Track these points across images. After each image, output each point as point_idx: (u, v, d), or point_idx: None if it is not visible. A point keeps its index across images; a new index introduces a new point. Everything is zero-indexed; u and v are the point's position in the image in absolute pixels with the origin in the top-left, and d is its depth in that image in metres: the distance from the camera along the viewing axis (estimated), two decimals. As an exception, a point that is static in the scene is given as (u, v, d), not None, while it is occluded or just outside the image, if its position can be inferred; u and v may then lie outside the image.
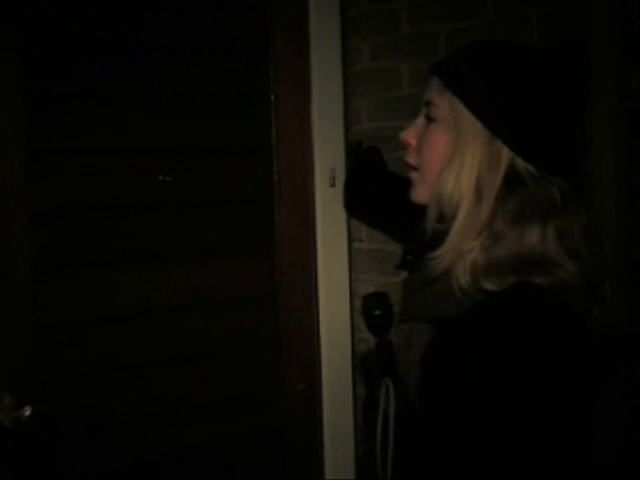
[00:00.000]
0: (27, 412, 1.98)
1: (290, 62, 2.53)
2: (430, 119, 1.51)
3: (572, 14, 2.10)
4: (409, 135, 1.57)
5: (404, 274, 2.52)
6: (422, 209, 1.57)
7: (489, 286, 1.36)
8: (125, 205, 2.22)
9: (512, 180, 1.41)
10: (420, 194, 1.55)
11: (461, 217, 1.42)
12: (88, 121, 2.14)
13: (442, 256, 1.43)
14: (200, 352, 2.36)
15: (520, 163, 1.41)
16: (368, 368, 1.75)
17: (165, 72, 2.27)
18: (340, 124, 2.63)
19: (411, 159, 1.57)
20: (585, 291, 1.38)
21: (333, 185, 2.58)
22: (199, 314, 2.35)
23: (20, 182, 2.02)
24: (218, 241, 2.39)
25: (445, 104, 1.47)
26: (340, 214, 2.61)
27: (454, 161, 1.44)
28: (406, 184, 1.61)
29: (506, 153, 1.41)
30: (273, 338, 2.51)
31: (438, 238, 1.47)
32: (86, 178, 2.14)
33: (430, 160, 1.50)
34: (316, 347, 2.59)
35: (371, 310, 1.65)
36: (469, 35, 2.33)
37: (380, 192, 2.37)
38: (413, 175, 1.57)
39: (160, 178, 2.26)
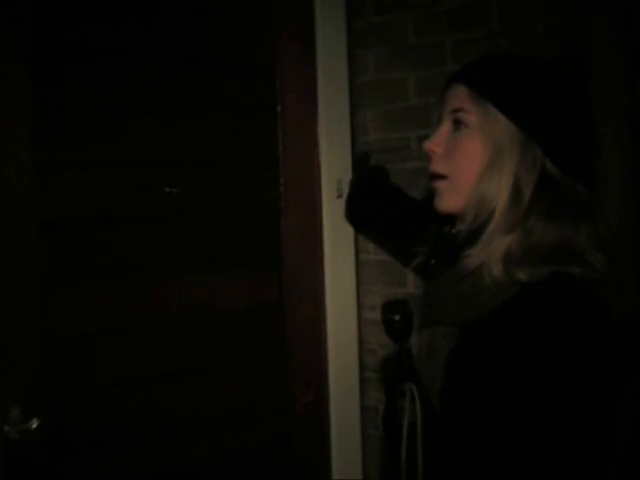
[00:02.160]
0: (34, 424, 1.98)
1: (296, 73, 2.53)
2: (460, 126, 1.52)
3: (577, 25, 2.10)
4: (434, 144, 1.57)
5: (414, 284, 2.54)
6: (428, 215, 1.59)
7: (523, 276, 1.39)
8: (132, 217, 2.22)
9: (545, 182, 1.46)
10: (450, 202, 1.55)
11: (497, 218, 1.46)
12: (95, 133, 2.15)
13: (476, 253, 1.46)
14: (207, 364, 2.35)
15: (550, 166, 1.46)
16: (386, 375, 1.75)
17: (171, 83, 2.27)
18: (347, 135, 2.63)
19: (439, 168, 1.56)
20: (612, 284, 1.42)
21: (340, 196, 2.58)
22: (206, 325, 2.35)
23: (28, 193, 2.02)
24: (225, 252, 2.39)
25: (478, 110, 1.49)
26: (347, 225, 2.61)
27: (494, 166, 1.47)
28: (407, 194, 1.63)
29: (540, 156, 1.46)
30: (280, 349, 2.50)
31: (465, 240, 1.50)
32: (93, 190, 2.14)
33: (465, 167, 1.52)
34: (323, 358, 2.59)
35: (391, 315, 1.64)
36: (474, 46, 2.33)
37: (384, 203, 2.37)
38: (440, 184, 1.57)
39: (167, 190, 2.26)
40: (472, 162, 1.50)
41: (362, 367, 2.67)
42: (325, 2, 2.57)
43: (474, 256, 1.47)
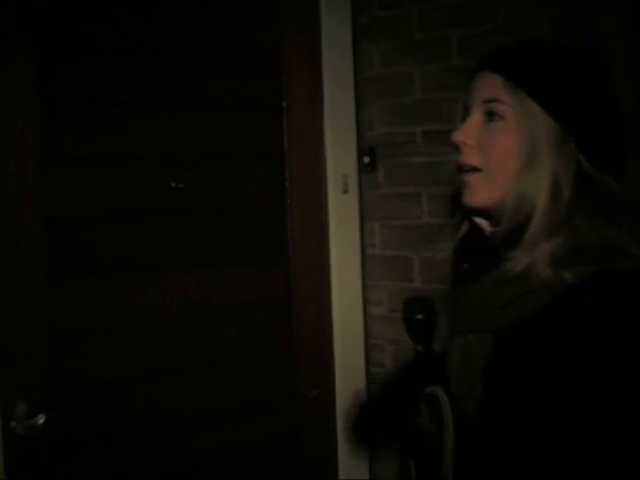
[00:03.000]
0: (41, 420, 1.98)
1: (301, 68, 2.53)
2: (495, 117, 1.45)
3: (583, 20, 2.09)
4: (465, 134, 1.48)
5: (421, 278, 2.54)
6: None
7: (570, 277, 1.35)
8: (137, 212, 2.22)
9: (582, 178, 1.41)
10: (483, 196, 1.48)
11: (538, 218, 1.40)
12: (100, 128, 2.15)
13: (521, 256, 1.40)
14: (214, 359, 2.36)
15: (584, 162, 1.41)
16: (404, 379, 1.67)
17: (176, 78, 2.28)
18: (352, 130, 2.63)
19: (471, 160, 1.48)
20: None
21: (346, 191, 2.58)
22: (213, 320, 2.35)
23: (33, 189, 2.03)
24: (231, 248, 2.39)
25: (515, 102, 1.42)
26: (353, 220, 2.61)
27: (533, 162, 1.41)
28: None
29: (575, 152, 1.41)
30: (287, 344, 2.51)
31: (503, 241, 1.44)
32: (99, 185, 2.14)
33: (501, 161, 1.44)
34: (330, 353, 2.59)
35: (413, 314, 1.58)
36: (481, 40, 2.33)
37: None
38: (473, 177, 1.48)
39: (172, 185, 2.26)
40: (509, 156, 1.43)
41: (368, 362, 2.67)
42: (331, -3, 2.57)
43: (518, 259, 1.40)
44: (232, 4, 2.39)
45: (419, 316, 1.55)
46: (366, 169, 2.65)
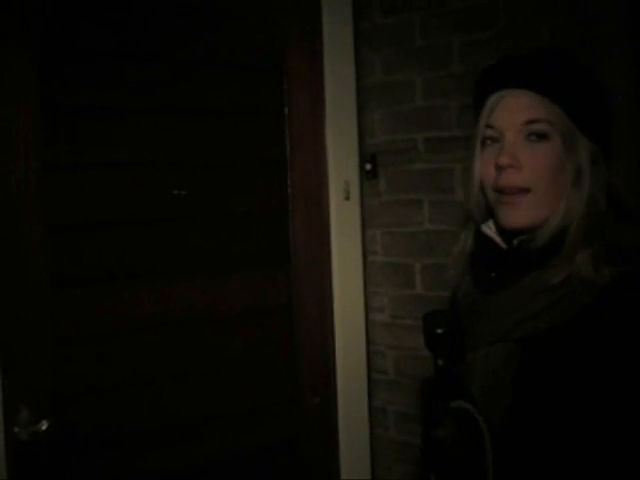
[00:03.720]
0: (44, 426, 1.99)
1: (303, 75, 2.53)
2: (539, 138, 1.46)
3: (583, 27, 2.10)
4: (512, 157, 1.47)
5: (423, 285, 2.54)
6: None
7: (608, 274, 1.38)
8: (140, 219, 2.23)
9: (611, 189, 1.49)
10: (531, 216, 1.49)
11: (576, 228, 1.45)
12: (103, 135, 2.16)
13: (562, 264, 1.43)
14: (216, 365, 2.36)
15: (613, 176, 1.51)
16: (427, 394, 1.64)
17: (179, 85, 2.28)
18: (354, 137, 2.63)
19: (517, 181, 1.48)
20: None
21: (348, 198, 2.58)
22: (215, 326, 2.35)
23: (36, 195, 2.03)
24: (232, 254, 2.39)
25: (560, 122, 1.45)
26: (354, 227, 2.62)
27: (579, 180, 1.46)
28: None
29: (605, 168, 1.48)
30: (288, 350, 2.51)
31: (538, 254, 1.47)
32: (101, 192, 2.15)
33: (551, 180, 1.47)
34: (331, 359, 2.59)
35: (433, 328, 1.52)
36: (482, 47, 2.34)
37: None
38: (520, 198, 1.48)
39: (175, 192, 2.26)
40: (558, 176, 1.46)
41: (370, 368, 2.67)
42: (332, 4, 2.57)
43: (560, 268, 1.43)
44: (235, 11, 2.39)
45: (439, 330, 1.53)
46: (368, 176, 2.65)
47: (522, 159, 1.46)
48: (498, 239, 1.55)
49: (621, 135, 1.99)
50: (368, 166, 2.65)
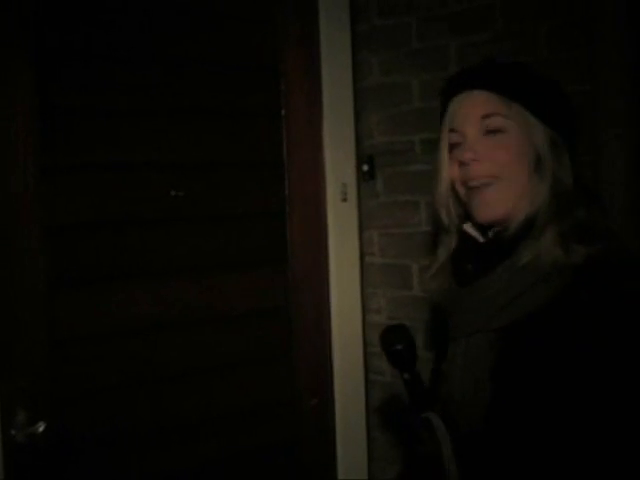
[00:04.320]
0: (41, 428, 1.99)
1: (301, 77, 2.53)
2: (495, 131, 1.53)
3: (580, 29, 2.10)
4: (473, 151, 1.54)
5: (420, 286, 2.54)
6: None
7: (577, 257, 1.42)
8: (138, 220, 2.23)
9: (577, 176, 1.54)
10: (500, 208, 1.54)
11: (543, 212, 1.49)
12: (100, 136, 2.16)
13: (531, 244, 1.47)
14: (213, 366, 2.36)
15: (573, 156, 1.56)
16: (400, 407, 1.66)
17: (177, 87, 2.28)
18: (351, 139, 2.63)
19: (483, 171, 1.54)
20: None
21: (345, 200, 2.59)
22: (212, 328, 2.35)
23: (34, 197, 2.03)
24: (230, 255, 2.39)
25: (514, 114, 1.52)
26: (352, 228, 2.62)
27: (540, 167, 1.51)
28: None
29: (563, 147, 1.53)
30: (285, 352, 2.51)
31: (509, 242, 1.51)
32: (99, 193, 2.15)
33: (513, 167, 1.52)
34: (328, 360, 2.59)
35: (392, 346, 1.56)
36: (479, 49, 2.34)
37: None
38: (490, 190, 1.54)
39: (172, 193, 2.27)
40: (519, 164, 1.52)
41: (367, 370, 2.68)
42: (329, 6, 2.57)
43: (528, 248, 1.47)
44: (233, 13, 2.39)
45: (399, 346, 1.56)
46: (365, 177, 2.66)
47: (483, 152, 1.53)
48: (476, 233, 1.59)
49: (621, 137, 2.02)
50: (365, 167, 2.65)
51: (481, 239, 1.59)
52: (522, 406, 1.42)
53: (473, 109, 1.54)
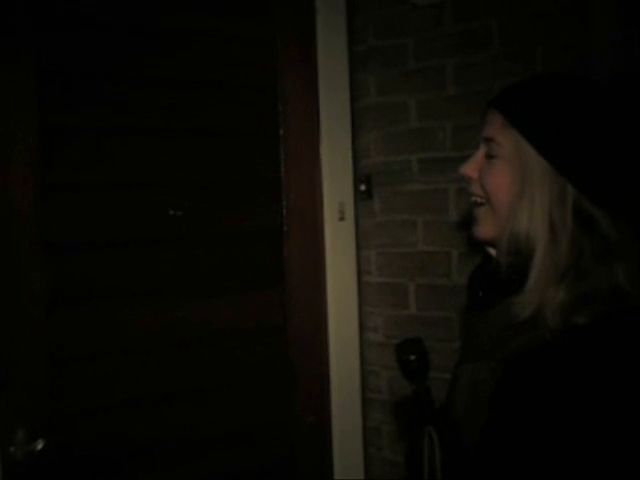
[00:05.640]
0: (40, 445, 1.98)
1: (299, 97, 2.55)
2: (492, 156, 1.48)
3: (576, 50, 2.12)
4: (469, 169, 1.52)
5: (417, 305, 2.55)
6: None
7: (580, 320, 1.35)
8: (136, 239, 2.24)
9: (584, 218, 1.39)
10: (487, 230, 1.51)
11: (540, 256, 1.39)
12: (100, 156, 2.17)
13: (527, 302, 1.39)
14: (211, 385, 2.36)
15: (586, 204, 1.39)
16: (407, 416, 1.66)
17: (175, 107, 2.30)
18: (349, 158, 2.65)
19: (477, 190, 1.51)
20: None
21: (342, 219, 2.60)
22: (210, 346, 2.36)
23: (34, 215, 2.04)
24: (228, 274, 2.40)
25: (508, 142, 1.44)
26: (349, 247, 2.63)
27: (524, 198, 1.41)
28: None
29: (571, 191, 1.39)
30: (283, 370, 2.51)
31: (512, 273, 1.44)
32: (98, 212, 2.16)
33: (495, 196, 1.47)
34: (326, 379, 2.60)
35: (406, 356, 1.58)
36: (476, 69, 2.36)
37: None
38: (480, 210, 1.52)
39: (171, 213, 2.28)
40: (502, 192, 1.45)
41: (364, 388, 2.68)
42: (326, 26, 2.60)
43: (524, 305, 1.40)
44: (231, 34, 2.41)
45: (412, 357, 1.57)
46: (362, 197, 2.67)
47: (479, 172, 1.50)
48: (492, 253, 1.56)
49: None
50: (363, 187, 2.67)
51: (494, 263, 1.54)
52: (506, 441, 1.41)
53: (484, 127, 1.51)
